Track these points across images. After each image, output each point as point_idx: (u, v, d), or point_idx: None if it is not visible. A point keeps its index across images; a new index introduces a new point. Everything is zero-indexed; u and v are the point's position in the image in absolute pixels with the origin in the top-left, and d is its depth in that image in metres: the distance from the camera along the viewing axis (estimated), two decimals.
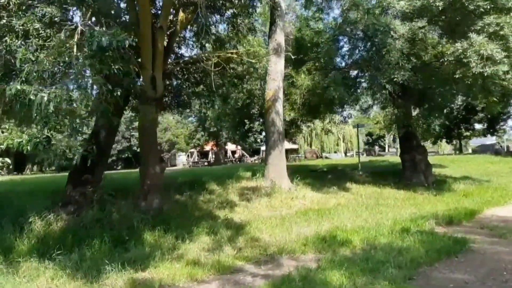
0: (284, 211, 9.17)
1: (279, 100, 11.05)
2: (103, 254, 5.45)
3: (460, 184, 12.80)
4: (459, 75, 9.30)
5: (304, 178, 13.09)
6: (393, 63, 10.17)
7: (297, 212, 8.88)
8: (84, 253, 5.46)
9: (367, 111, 16.63)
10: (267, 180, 10.83)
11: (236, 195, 10.05)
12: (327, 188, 11.90)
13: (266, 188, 10.40)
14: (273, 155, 10.87)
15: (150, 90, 8.16)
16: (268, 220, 8.15)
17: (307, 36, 12.69)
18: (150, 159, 8.61)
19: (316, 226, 7.62)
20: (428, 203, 9.62)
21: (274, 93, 11.01)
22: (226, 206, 9.12)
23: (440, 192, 11.34)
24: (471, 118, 38.14)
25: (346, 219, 8.11)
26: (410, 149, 12.99)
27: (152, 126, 8.64)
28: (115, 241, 6.03)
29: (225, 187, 10.67)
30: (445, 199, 10.19)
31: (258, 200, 9.77)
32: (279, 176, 10.72)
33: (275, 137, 10.89)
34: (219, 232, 7.09)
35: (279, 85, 11.09)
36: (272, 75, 11.09)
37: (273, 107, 10.99)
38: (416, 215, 8.13)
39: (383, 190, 11.69)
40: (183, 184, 10.70)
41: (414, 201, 9.98)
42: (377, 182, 12.93)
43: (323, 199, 10.34)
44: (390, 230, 6.75)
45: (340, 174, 15.03)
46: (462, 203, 9.42)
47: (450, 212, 8.18)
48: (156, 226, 7.05)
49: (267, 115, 11.16)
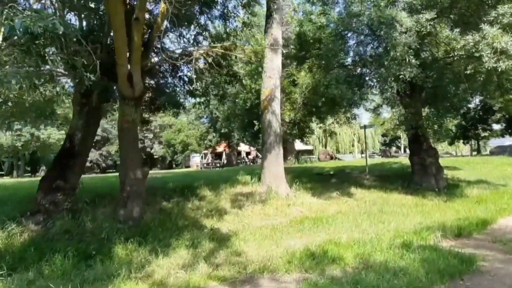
0: (278, 219, 8.51)
1: (275, 99, 10.37)
2: (63, 272, 4.92)
3: (474, 188, 11.85)
4: (471, 71, 8.44)
5: (307, 182, 12.40)
6: (399, 58, 9.37)
7: (292, 221, 8.20)
8: (42, 270, 4.95)
9: (375, 111, 15.73)
10: (263, 185, 10.18)
11: (228, 201, 9.43)
12: (329, 193, 11.15)
13: (262, 194, 9.76)
14: (269, 159, 10.20)
15: (127, 89, 7.62)
16: (258, 230, 7.51)
17: (310, 32, 11.96)
18: (131, 163, 8.09)
19: (309, 238, 6.96)
20: (436, 211, 8.78)
21: (270, 92, 10.34)
22: (215, 214, 8.52)
23: (451, 197, 10.45)
24: (489, 118, 36.51)
25: (343, 229, 7.40)
26: (420, 151, 12.11)
27: (132, 127, 8.10)
28: (80, 256, 5.50)
29: (217, 193, 10.07)
30: (456, 206, 9.31)
31: (251, 207, 9.13)
32: (276, 181, 10.04)
33: (271, 139, 10.22)
34: (200, 245, 6.52)
35: (276, 83, 10.42)
36: (268, 73, 10.43)
37: (269, 107, 10.32)
38: (421, 225, 7.34)
39: (390, 196, 10.88)
40: (173, 190, 10.16)
41: (422, 208, 9.14)
42: (384, 187, 12.11)
43: (323, 206, 9.62)
44: (389, 244, 6.00)
45: (346, 177, 14.23)
46: (474, 211, 8.55)
47: (460, 222, 7.35)
48: (132, 238, 6.52)
49: (263, 116, 10.51)
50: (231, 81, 11.60)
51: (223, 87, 11.78)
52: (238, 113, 24.34)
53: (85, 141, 8.48)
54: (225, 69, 11.63)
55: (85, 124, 8.43)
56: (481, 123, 37.51)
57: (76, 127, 8.41)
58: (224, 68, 11.53)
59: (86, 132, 8.49)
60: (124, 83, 7.65)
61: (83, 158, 8.61)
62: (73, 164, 8.15)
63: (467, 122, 37.47)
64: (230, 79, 11.53)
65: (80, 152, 8.39)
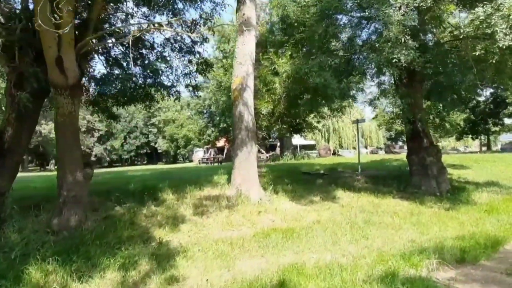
0: (243, 230, 7.14)
1: (247, 89, 8.92)
2: None
3: (483, 192, 10.28)
4: (481, 52, 6.88)
5: (289, 183, 10.99)
6: (393, 39, 7.85)
7: (258, 233, 6.81)
8: None
9: (372, 104, 14.11)
10: (232, 188, 8.78)
11: (190, 207, 8.07)
12: (311, 197, 9.74)
13: (230, 198, 8.38)
14: (240, 157, 8.77)
15: (58, 76, 6.27)
16: (214, 245, 6.16)
17: (293, 14, 10.44)
18: (69, 164, 6.78)
19: (271, 258, 5.61)
20: (436, 222, 7.31)
21: (241, 80, 8.89)
22: (171, 223, 7.18)
23: (455, 204, 8.93)
24: (500, 111, 34.44)
25: (316, 247, 6.03)
26: (420, 150, 10.58)
27: (69, 122, 6.76)
28: None
29: (182, 196, 8.71)
30: (460, 215, 7.81)
31: (216, 214, 7.76)
32: (248, 183, 8.63)
33: (242, 135, 8.80)
34: (136, 266, 5.26)
35: (248, 70, 8.97)
36: (240, 58, 8.97)
37: (240, 98, 8.88)
38: (413, 244, 5.91)
39: (382, 201, 9.40)
40: (132, 192, 8.84)
41: (418, 218, 7.67)
42: (377, 189, 10.62)
43: (300, 213, 8.21)
44: (367, 274, 4.60)
45: (336, 177, 12.76)
46: (482, 224, 7.06)
47: (464, 241, 5.89)
48: (58, 254, 5.33)
49: (234, 108, 9.07)
50: (204, 70, 10.18)
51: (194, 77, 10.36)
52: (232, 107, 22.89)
53: (17, 138, 7.17)
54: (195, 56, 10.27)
55: (18, 118, 7.13)
56: (492, 117, 35.44)
57: (8, 121, 7.13)
58: (192, 54, 10.17)
59: (19, 128, 7.18)
60: (53, 69, 6.32)
61: (16, 158, 7.30)
62: (1, 164, 6.90)
63: (477, 116, 35.46)
64: (202, 67, 10.11)
65: (11, 151, 7.09)
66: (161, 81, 10.42)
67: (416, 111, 9.77)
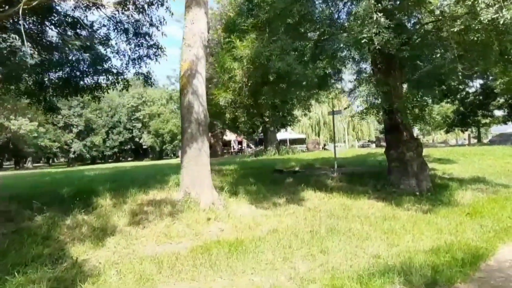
0: (183, 243, 6.00)
1: (198, 76, 7.74)
2: None
3: (467, 190, 9.26)
4: (460, 28, 5.77)
5: (254, 184, 9.88)
6: (363, 16, 6.72)
7: (197, 249, 5.66)
8: None
9: (352, 94, 12.98)
10: (180, 191, 7.63)
11: (126, 215, 6.89)
12: (276, 199, 8.64)
13: (176, 203, 7.22)
14: (189, 155, 7.60)
15: None
16: (138, 265, 5.02)
17: None
18: None
19: (202, 283, 4.50)
20: (410, 229, 6.24)
21: (190, 65, 7.70)
22: (96, 236, 6.01)
23: (435, 205, 7.90)
24: (490, 103, 33.69)
25: (261, 266, 4.92)
26: (398, 144, 9.52)
27: None
28: None
29: (121, 201, 7.54)
30: (438, 220, 6.76)
31: (155, 223, 6.61)
32: (198, 186, 7.47)
33: (192, 129, 7.62)
34: None
35: (198, 53, 7.77)
36: (188, 40, 7.76)
37: (189, 85, 7.69)
38: (378, 261, 4.83)
39: (355, 203, 8.34)
40: (61, 198, 7.65)
41: (391, 224, 6.60)
42: (352, 189, 9.56)
43: (258, 220, 7.08)
44: None
45: (310, 175, 11.68)
46: (462, 231, 6.01)
47: (439, 254, 4.84)
48: None
49: (182, 97, 7.87)
50: (155, 55, 8.96)
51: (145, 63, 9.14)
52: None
53: None
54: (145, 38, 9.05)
55: None
56: (481, 109, 34.70)
57: None
58: (141, 37, 8.95)
59: None
60: None
61: None
62: None
63: (466, 107, 34.71)
64: (153, 51, 8.89)
65: None
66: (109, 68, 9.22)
67: (394, 101, 8.68)
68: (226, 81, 8.70)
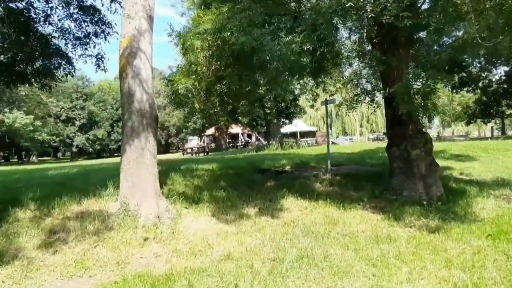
0: (96, 276, 4.48)
1: (141, 54, 6.17)
2: None
3: (489, 198, 7.41)
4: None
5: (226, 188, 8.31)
6: None
7: (109, 285, 4.17)
8: None
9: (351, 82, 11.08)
10: (117, 201, 6.12)
11: (41, 234, 5.42)
12: (246, 209, 7.05)
13: (110, 217, 5.72)
14: (129, 155, 6.05)
15: None
16: None
17: None
18: None
19: None
20: (408, 260, 4.54)
21: (131, 41, 6.14)
22: None
23: (447, 221, 6.11)
24: None
25: None
26: (402, 139, 7.73)
27: None
28: None
29: (44, 214, 6.09)
30: (449, 244, 5.01)
31: (73, 245, 5.13)
32: (139, 194, 5.93)
33: (133, 122, 6.08)
34: None
35: (141, 27, 6.20)
36: (128, 9, 6.21)
37: (128, 67, 6.13)
38: None
39: (343, 215, 6.65)
40: None
41: (383, 250, 4.90)
42: (344, 195, 7.86)
43: (212, 240, 5.52)
44: None
45: (297, 177, 10.00)
46: (480, 266, 4.27)
47: None
48: None
49: (121, 82, 6.33)
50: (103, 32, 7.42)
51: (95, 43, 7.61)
52: None
53: None
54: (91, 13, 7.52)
55: None
56: (506, 98, 31.83)
57: None
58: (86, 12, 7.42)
59: None
60: None
61: None
62: None
63: (489, 97, 31.94)
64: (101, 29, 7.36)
65: None
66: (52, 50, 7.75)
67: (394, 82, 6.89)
68: (187, 64, 7.09)
